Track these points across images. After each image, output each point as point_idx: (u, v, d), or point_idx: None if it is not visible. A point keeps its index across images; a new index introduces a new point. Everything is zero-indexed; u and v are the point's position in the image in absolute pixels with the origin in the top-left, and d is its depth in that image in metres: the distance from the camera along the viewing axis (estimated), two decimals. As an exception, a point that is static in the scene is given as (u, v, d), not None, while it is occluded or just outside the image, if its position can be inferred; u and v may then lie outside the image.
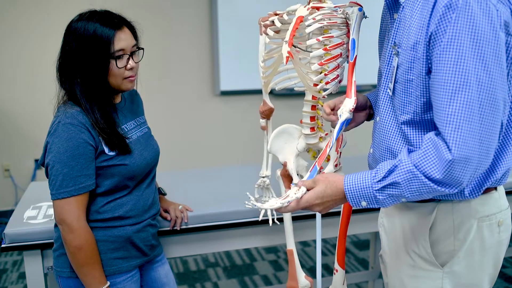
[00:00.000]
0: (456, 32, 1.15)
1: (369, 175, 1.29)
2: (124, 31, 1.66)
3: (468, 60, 1.15)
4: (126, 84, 1.69)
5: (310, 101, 1.69)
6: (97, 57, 1.61)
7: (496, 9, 1.16)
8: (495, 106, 1.17)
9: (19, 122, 4.28)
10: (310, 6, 1.62)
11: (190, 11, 4.53)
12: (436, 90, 1.20)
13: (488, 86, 1.15)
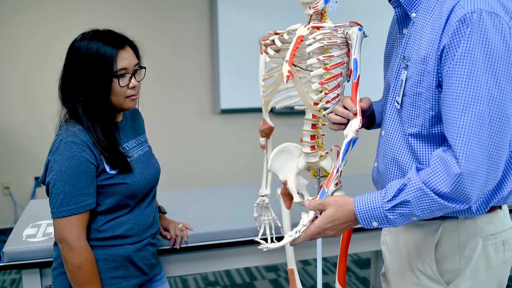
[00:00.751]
0: (469, 47, 1.16)
1: (379, 195, 1.29)
2: (127, 50, 1.67)
3: (480, 75, 1.16)
4: (128, 102, 1.70)
5: (311, 120, 1.69)
6: (100, 75, 1.62)
7: (508, 26, 1.18)
8: (505, 122, 1.18)
9: (19, 139, 4.28)
10: (310, 25, 1.63)
11: (191, 30, 4.56)
12: (447, 103, 1.21)
13: (499, 101, 1.16)
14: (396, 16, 1.41)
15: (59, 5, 4.22)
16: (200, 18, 4.57)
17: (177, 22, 4.52)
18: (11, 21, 4.14)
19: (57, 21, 4.22)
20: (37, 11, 4.18)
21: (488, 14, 1.16)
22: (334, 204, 1.34)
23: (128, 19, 4.33)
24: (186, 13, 4.53)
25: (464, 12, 1.17)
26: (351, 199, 1.34)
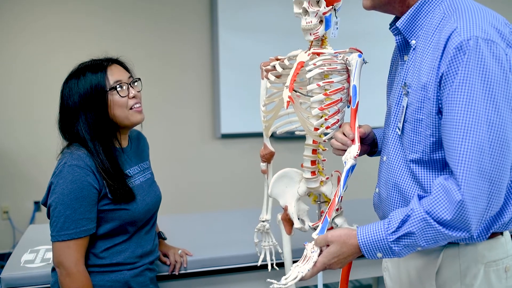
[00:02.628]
0: (467, 73, 1.17)
1: (382, 227, 1.29)
2: (114, 66, 1.71)
3: (479, 101, 1.17)
4: (134, 115, 1.71)
5: (311, 145, 1.69)
6: (97, 100, 1.63)
7: (505, 53, 1.19)
8: (506, 147, 1.18)
9: (19, 163, 4.28)
10: (310, 51, 1.64)
11: (192, 55, 4.60)
12: (447, 130, 1.22)
13: (499, 127, 1.17)
14: (396, 43, 1.42)
15: (62, 29, 4.25)
16: (201, 43, 4.60)
17: (178, 46, 4.55)
18: (15, 46, 4.18)
19: (61, 48, 4.25)
20: (39, 35, 4.22)
21: (484, 41, 1.18)
22: (339, 241, 1.33)
23: (130, 43, 4.37)
24: (187, 37, 4.57)
25: (461, 39, 1.19)
26: (354, 232, 1.33)
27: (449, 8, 1.30)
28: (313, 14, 1.60)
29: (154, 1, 4.45)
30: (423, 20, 1.35)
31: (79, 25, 4.29)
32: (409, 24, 1.37)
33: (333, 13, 1.63)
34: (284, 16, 4.51)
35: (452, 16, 1.26)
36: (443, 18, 1.29)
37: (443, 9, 1.31)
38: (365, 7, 1.44)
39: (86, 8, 4.30)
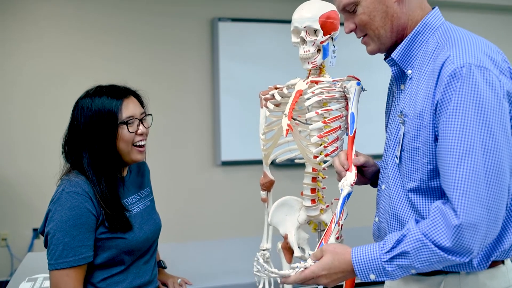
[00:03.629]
0: (461, 100, 1.18)
1: (377, 246, 1.28)
2: (131, 99, 1.71)
3: (474, 126, 1.17)
4: (135, 153, 1.71)
5: (311, 173, 1.69)
6: (106, 127, 1.64)
7: (498, 80, 1.20)
8: (502, 173, 1.18)
9: (18, 190, 4.27)
10: (309, 80, 1.65)
11: (193, 83, 4.63)
12: (443, 156, 1.22)
13: (494, 152, 1.17)
14: (393, 73, 1.44)
15: (63, 57, 4.29)
16: (202, 71, 4.64)
17: (179, 74, 4.59)
18: (16, 71, 4.21)
19: (62, 74, 4.28)
20: (41, 63, 4.25)
21: (477, 68, 1.19)
22: (332, 252, 1.32)
23: (131, 70, 4.40)
24: (188, 65, 4.61)
25: (454, 67, 1.20)
26: (349, 249, 1.32)
27: (442, 37, 1.32)
28: (310, 43, 1.62)
29: (156, 30, 4.50)
30: (417, 50, 1.37)
31: (83, 50, 4.33)
32: (404, 54, 1.38)
33: (331, 42, 1.65)
34: (282, 45, 4.56)
35: (446, 44, 1.28)
36: (436, 47, 1.31)
37: (437, 39, 1.33)
38: (371, 53, 1.45)
39: (91, 32, 4.35)
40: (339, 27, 1.65)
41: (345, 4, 1.39)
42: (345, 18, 1.45)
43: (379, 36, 1.39)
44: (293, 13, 1.65)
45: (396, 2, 1.36)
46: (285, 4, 4.66)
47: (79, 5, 4.31)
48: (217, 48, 4.56)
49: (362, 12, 1.37)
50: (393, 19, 1.37)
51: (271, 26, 4.69)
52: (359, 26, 1.41)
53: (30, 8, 4.21)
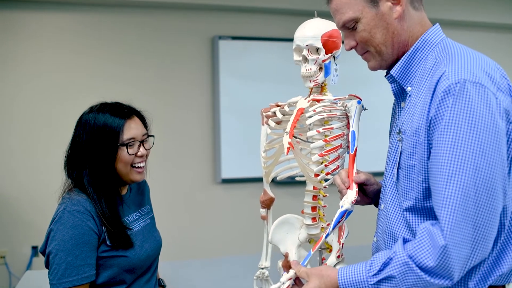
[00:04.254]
0: (453, 117, 1.17)
1: (364, 268, 1.26)
2: (134, 120, 1.71)
3: (465, 144, 1.16)
4: (134, 174, 1.71)
5: (311, 191, 1.69)
6: (107, 145, 1.64)
7: (495, 97, 1.18)
8: (493, 193, 1.16)
9: (17, 207, 4.25)
10: (310, 98, 1.66)
11: (193, 100, 4.64)
12: (433, 173, 1.21)
13: (486, 172, 1.15)
14: (392, 90, 1.43)
15: (63, 74, 4.31)
16: (202, 88, 4.66)
17: (179, 91, 4.60)
18: (15, 90, 4.22)
19: (62, 91, 4.30)
20: (41, 81, 4.26)
21: (472, 84, 1.18)
22: (318, 275, 1.32)
23: (131, 87, 4.41)
24: (188, 83, 4.62)
25: (449, 83, 1.19)
26: (336, 270, 1.31)
27: (441, 53, 1.31)
28: (312, 62, 1.63)
29: (156, 47, 4.53)
30: (417, 66, 1.36)
31: (83, 67, 4.35)
32: (403, 71, 1.38)
33: (333, 60, 1.66)
34: (284, 62, 4.58)
35: (443, 61, 1.27)
36: (435, 63, 1.30)
37: (435, 55, 1.32)
38: (372, 69, 1.45)
39: (91, 50, 4.37)
40: (341, 46, 1.66)
41: (345, 21, 1.39)
42: (345, 35, 1.44)
43: (380, 52, 1.38)
44: (295, 32, 1.66)
45: (396, 19, 1.35)
46: (285, 22, 4.70)
47: (79, 23, 4.34)
48: (217, 66, 4.58)
49: (363, 29, 1.37)
50: (394, 36, 1.36)
51: (271, 44, 4.72)
52: (360, 43, 1.40)
53: (30, 26, 4.24)
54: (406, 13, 1.36)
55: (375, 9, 1.35)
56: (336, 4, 1.39)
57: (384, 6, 1.35)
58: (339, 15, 1.39)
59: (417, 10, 1.39)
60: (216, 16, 4.66)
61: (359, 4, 1.35)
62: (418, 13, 1.39)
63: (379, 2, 1.34)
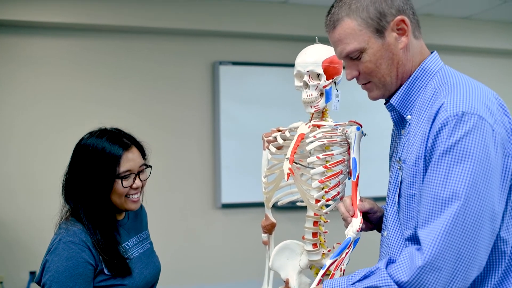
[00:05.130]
0: (448, 148, 1.18)
1: (346, 279, 1.30)
2: (132, 151, 1.69)
3: (458, 175, 1.16)
4: (129, 204, 1.69)
5: (312, 217, 1.68)
6: (104, 174, 1.62)
7: (492, 129, 1.19)
8: (481, 226, 1.16)
9: (14, 232, 4.22)
10: (311, 124, 1.66)
11: (194, 125, 4.66)
12: (423, 199, 1.22)
13: (476, 204, 1.16)
14: (392, 119, 1.44)
15: (62, 99, 4.32)
16: (202, 113, 4.68)
17: (179, 115, 4.62)
18: (13, 114, 4.23)
19: (60, 116, 4.31)
20: (39, 105, 4.27)
21: (470, 116, 1.18)
22: None
23: (131, 112, 4.43)
24: (189, 108, 4.64)
25: (447, 115, 1.20)
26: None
27: (440, 82, 1.32)
28: (313, 87, 1.63)
29: (157, 72, 4.56)
30: (416, 95, 1.36)
31: (82, 93, 4.37)
32: (403, 100, 1.38)
33: (334, 86, 1.67)
34: (285, 87, 4.62)
35: (442, 91, 1.28)
36: (434, 93, 1.31)
37: (434, 84, 1.33)
38: (374, 99, 1.45)
39: (91, 76, 4.40)
40: (342, 72, 1.66)
41: (349, 52, 1.37)
42: (347, 65, 1.43)
43: (384, 83, 1.38)
44: (296, 57, 1.67)
45: (401, 49, 1.36)
46: (286, 48, 4.74)
47: (78, 48, 4.38)
48: (218, 91, 4.61)
49: (368, 60, 1.36)
50: (399, 66, 1.36)
51: (272, 70, 4.76)
52: (364, 73, 1.39)
53: (27, 51, 4.27)
54: (409, 43, 1.37)
55: (381, 40, 1.34)
56: (340, 34, 1.38)
57: (390, 37, 1.35)
58: (342, 45, 1.38)
59: (417, 39, 1.40)
60: (216, 41, 4.70)
61: (365, 34, 1.34)
62: (418, 41, 1.40)
63: (384, 33, 1.34)
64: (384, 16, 1.33)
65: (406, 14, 1.36)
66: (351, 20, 1.35)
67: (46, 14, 4.17)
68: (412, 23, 1.37)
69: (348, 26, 1.36)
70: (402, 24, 1.34)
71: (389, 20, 1.34)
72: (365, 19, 1.34)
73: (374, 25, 1.34)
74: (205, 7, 4.51)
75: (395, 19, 1.34)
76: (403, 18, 1.34)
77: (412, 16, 1.38)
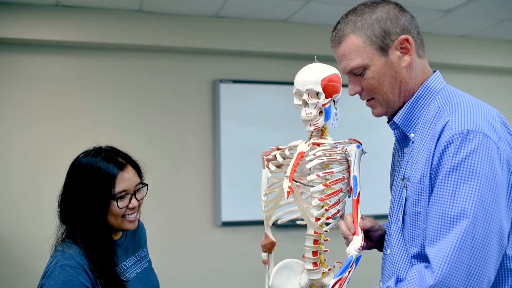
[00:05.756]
0: (455, 166, 1.19)
1: None
2: (128, 171, 1.67)
3: (465, 194, 1.17)
4: (126, 224, 1.68)
5: (312, 236, 1.67)
6: (99, 195, 1.61)
7: (497, 146, 1.20)
8: (490, 243, 1.17)
9: (12, 252, 4.20)
10: (310, 142, 1.66)
11: (194, 143, 4.65)
12: (431, 218, 1.22)
13: (484, 221, 1.16)
14: (395, 137, 1.44)
15: (61, 117, 4.31)
16: (202, 131, 4.68)
17: (179, 133, 4.62)
18: (12, 132, 4.22)
19: (59, 134, 4.29)
20: (38, 123, 4.26)
21: (475, 134, 1.19)
22: None
23: (131, 130, 4.43)
24: (189, 126, 4.64)
25: (452, 133, 1.21)
26: None
27: (443, 101, 1.33)
28: (312, 106, 1.64)
29: (157, 90, 4.57)
30: (419, 113, 1.38)
31: (82, 111, 4.36)
32: (406, 118, 1.39)
33: (333, 104, 1.67)
34: (283, 106, 4.63)
35: (446, 110, 1.29)
36: (438, 111, 1.32)
37: (438, 103, 1.34)
38: (377, 116, 1.46)
39: (88, 94, 4.39)
40: (340, 90, 1.67)
41: (352, 68, 1.39)
42: (350, 80, 1.45)
43: (387, 100, 1.39)
44: (295, 76, 1.68)
45: (404, 68, 1.37)
46: (286, 66, 4.76)
47: (78, 66, 4.37)
48: (218, 109, 4.62)
49: (372, 76, 1.38)
50: (402, 84, 1.38)
51: (272, 88, 4.78)
52: (366, 90, 1.41)
53: (27, 69, 4.26)
54: (413, 62, 1.38)
55: (384, 58, 1.36)
56: (344, 50, 1.40)
57: (393, 55, 1.36)
58: (346, 61, 1.40)
59: (421, 58, 1.41)
60: (217, 59, 4.73)
61: (369, 51, 1.36)
62: (421, 60, 1.42)
63: (388, 51, 1.36)
64: (388, 35, 1.35)
65: (410, 33, 1.37)
66: (356, 36, 1.37)
67: (45, 32, 4.18)
68: (416, 43, 1.39)
69: (352, 42, 1.38)
70: (406, 43, 1.36)
71: (393, 38, 1.35)
72: (369, 36, 1.36)
73: (378, 42, 1.36)
74: (205, 25, 4.54)
75: (399, 38, 1.36)
76: (407, 37, 1.36)
77: (417, 35, 1.40)
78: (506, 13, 4.41)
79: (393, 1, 1.41)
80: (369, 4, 1.40)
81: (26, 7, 4.12)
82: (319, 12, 4.39)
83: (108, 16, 4.31)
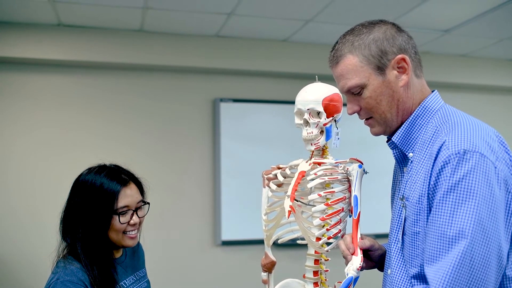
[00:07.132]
0: (452, 186, 1.18)
1: None
2: (130, 187, 1.69)
3: (463, 214, 1.16)
4: (126, 240, 1.68)
5: (313, 255, 1.66)
6: (101, 210, 1.62)
7: (494, 166, 1.20)
8: (488, 263, 1.16)
9: (11, 269, 4.17)
10: (312, 161, 1.66)
11: (194, 162, 4.65)
12: (429, 238, 1.21)
13: (482, 241, 1.15)
14: (394, 156, 1.45)
15: (62, 135, 4.32)
16: (203, 150, 4.68)
17: (179, 152, 4.62)
18: (12, 150, 4.22)
19: (61, 152, 4.30)
20: (40, 141, 4.27)
21: (472, 153, 1.19)
22: None
23: (131, 149, 4.43)
24: (189, 145, 4.65)
25: (449, 153, 1.21)
26: None
27: (441, 121, 1.33)
28: (313, 125, 1.64)
29: (157, 109, 4.58)
30: (417, 133, 1.38)
31: (83, 128, 4.37)
32: (404, 138, 1.39)
33: (334, 123, 1.67)
34: (285, 125, 4.64)
35: (444, 129, 1.29)
36: (435, 131, 1.32)
37: (435, 122, 1.35)
38: (375, 135, 1.47)
39: (90, 112, 4.41)
40: (342, 109, 1.68)
41: (350, 87, 1.41)
42: (348, 99, 1.46)
43: (385, 119, 1.40)
44: (297, 95, 1.69)
45: (402, 87, 1.38)
46: (286, 85, 4.79)
47: (79, 85, 4.40)
48: (218, 128, 4.63)
49: (369, 96, 1.39)
50: (399, 103, 1.39)
51: (272, 107, 4.79)
52: (364, 109, 1.42)
53: (29, 88, 4.28)
54: (410, 81, 1.39)
55: (381, 77, 1.37)
56: (342, 69, 1.41)
57: (390, 75, 1.37)
58: (344, 80, 1.42)
59: (418, 78, 1.42)
60: (217, 78, 4.75)
61: (366, 71, 1.38)
62: (419, 80, 1.42)
63: (385, 70, 1.37)
64: (385, 54, 1.36)
65: (407, 53, 1.38)
66: (353, 56, 1.39)
67: (47, 52, 4.21)
68: (413, 62, 1.40)
69: (350, 62, 1.39)
70: (403, 62, 1.37)
71: (390, 58, 1.37)
72: (366, 56, 1.37)
73: (375, 62, 1.37)
74: (206, 45, 4.57)
75: (396, 57, 1.37)
76: (404, 57, 1.37)
77: (414, 55, 1.41)
78: (504, 32, 4.44)
79: (390, 22, 1.43)
80: (367, 25, 1.42)
81: (29, 27, 4.16)
82: (318, 32, 4.42)
83: (109, 35, 4.35)
